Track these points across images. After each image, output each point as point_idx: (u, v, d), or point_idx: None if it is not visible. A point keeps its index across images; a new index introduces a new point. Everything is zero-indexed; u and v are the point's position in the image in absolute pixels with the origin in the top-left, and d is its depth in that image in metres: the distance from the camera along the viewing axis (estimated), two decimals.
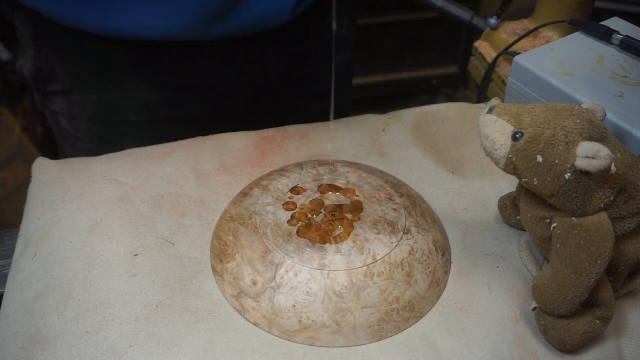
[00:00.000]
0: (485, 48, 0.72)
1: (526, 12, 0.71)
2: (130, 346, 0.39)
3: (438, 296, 0.43)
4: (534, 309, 0.41)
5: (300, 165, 0.50)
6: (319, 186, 0.47)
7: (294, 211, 0.45)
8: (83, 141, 0.72)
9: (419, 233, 0.44)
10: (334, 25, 0.68)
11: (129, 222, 0.47)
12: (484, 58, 0.70)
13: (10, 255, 0.47)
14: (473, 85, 1.65)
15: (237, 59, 0.69)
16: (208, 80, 0.70)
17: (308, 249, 0.42)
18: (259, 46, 0.69)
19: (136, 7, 0.59)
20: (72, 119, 0.71)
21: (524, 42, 0.66)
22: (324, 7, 0.74)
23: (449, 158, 0.54)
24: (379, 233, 0.43)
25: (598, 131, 0.37)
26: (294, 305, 0.40)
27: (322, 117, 0.82)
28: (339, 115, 0.85)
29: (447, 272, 0.44)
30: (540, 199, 0.39)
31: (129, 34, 0.61)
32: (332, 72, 0.78)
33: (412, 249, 0.43)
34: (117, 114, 0.70)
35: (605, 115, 0.39)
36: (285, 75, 0.76)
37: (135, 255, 0.44)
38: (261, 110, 0.78)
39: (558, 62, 0.54)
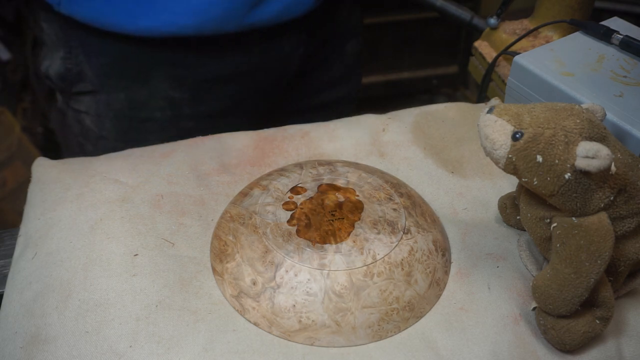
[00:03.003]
0: (485, 48, 0.71)
1: (526, 12, 0.71)
2: (130, 346, 0.39)
3: (438, 296, 0.43)
4: (534, 309, 0.41)
5: (300, 165, 0.50)
6: (319, 186, 0.47)
7: (294, 211, 0.45)
8: (107, 140, 0.74)
9: (419, 233, 0.44)
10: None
11: (129, 222, 0.47)
12: (484, 58, 0.70)
13: (10, 255, 0.47)
14: (473, 85, 1.65)
15: (257, 51, 0.71)
16: (230, 73, 0.72)
17: (308, 249, 0.42)
18: (279, 37, 0.71)
19: (167, 7, 0.61)
20: (98, 118, 0.73)
21: (524, 42, 0.66)
22: None
23: (449, 158, 0.54)
24: (379, 233, 0.43)
25: (598, 131, 0.37)
26: (294, 305, 0.40)
27: (337, 103, 0.85)
28: (350, 101, 0.87)
29: (447, 272, 0.44)
30: (540, 199, 0.39)
31: (162, 32, 0.63)
32: (342, 60, 0.80)
33: (412, 249, 0.43)
34: (142, 111, 0.72)
35: (605, 115, 0.39)
36: (303, 64, 0.78)
37: (135, 255, 0.44)
38: (280, 101, 0.81)
39: (558, 62, 0.54)
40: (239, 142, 0.55)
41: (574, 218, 0.37)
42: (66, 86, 0.72)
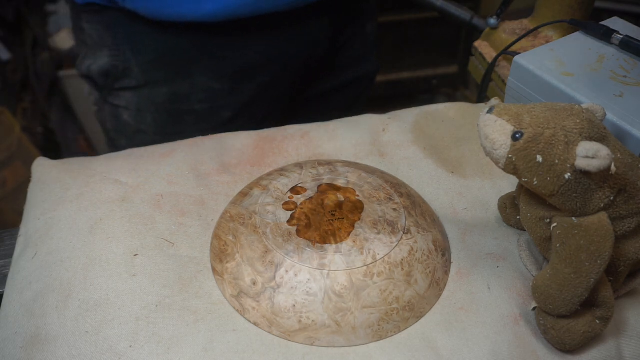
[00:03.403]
0: (485, 48, 0.72)
1: (526, 12, 0.71)
2: (130, 346, 0.39)
3: (438, 296, 0.43)
4: (534, 309, 0.41)
5: (300, 165, 0.50)
6: (319, 186, 0.47)
7: (293, 211, 0.45)
8: (146, 134, 0.76)
9: (419, 233, 0.44)
10: None
11: (129, 222, 0.47)
12: (484, 58, 0.70)
13: (10, 255, 0.47)
14: (473, 85, 1.65)
15: (288, 36, 0.74)
16: (265, 60, 0.75)
17: (308, 249, 0.42)
18: (307, 21, 0.74)
19: None
20: (138, 112, 0.75)
21: (524, 42, 0.66)
22: None
23: (449, 158, 0.54)
24: (379, 233, 0.43)
25: (598, 131, 0.37)
26: (294, 305, 0.40)
27: (358, 82, 0.90)
28: (370, 80, 0.94)
29: (447, 272, 0.44)
30: (540, 199, 0.39)
31: (224, 15, 0.66)
32: (362, 40, 0.84)
33: (412, 249, 0.43)
34: (183, 104, 0.75)
35: (605, 115, 0.39)
36: (329, 46, 0.81)
37: (135, 255, 0.44)
38: (307, 83, 0.84)
39: (558, 62, 0.54)
40: (239, 142, 0.56)
41: (574, 218, 0.37)
42: (109, 83, 0.74)
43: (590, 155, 0.34)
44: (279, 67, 0.77)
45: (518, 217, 0.46)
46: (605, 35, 0.55)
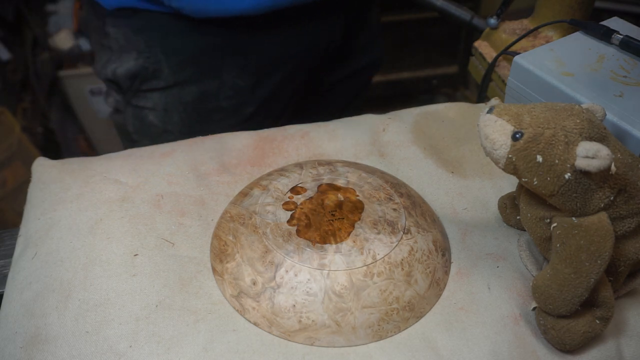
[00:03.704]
0: (485, 48, 0.72)
1: (526, 12, 0.71)
2: (130, 346, 0.39)
3: (438, 296, 0.43)
4: (534, 309, 0.41)
5: (300, 165, 0.50)
6: (319, 186, 0.47)
7: (293, 211, 0.45)
8: (172, 133, 0.77)
9: (419, 233, 0.44)
10: None
11: (129, 222, 0.47)
12: (484, 58, 0.70)
13: (10, 255, 0.47)
14: (473, 85, 1.65)
15: (306, 30, 0.76)
16: (285, 54, 0.76)
17: (308, 249, 0.42)
18: (324, 15, 0.76)
19: None
20: (165, 113, 0.76)
21: (524, 42, 0.66)
22: None
23: (449, 158, 0.54)
24: (379, 233, 0.43)
25: (598, 131, 0.37)
26: (294, 305, 0.40)
27: (363, 71, 0.92)
28: (374, 68, 0.96)
29: (447, 272, 0.44)
30: (540, 199, 0.39)
31: (265, 8, 0.68)
32: (367, 29, 0.87)
33: (412, 249, 0.43)
34: (211, 102, 0.76)
35: (605, 115, 0.39)
36: (342, 37, 0.82)
37: (135, 255, 0.44)
38: (321, 75, 0.86)
39: (558, 62, 0.54)
40: (239, 142, 0.56)
41: (574, 218, 0.37)
42: (135, 85, 0.75)
43: (590, 155, 0.34)
44: (297, 60, 0.78)
45: (518, 217, 0.46)
46: (605, 35, 0.55)
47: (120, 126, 0.81)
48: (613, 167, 0.35)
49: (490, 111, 0.38)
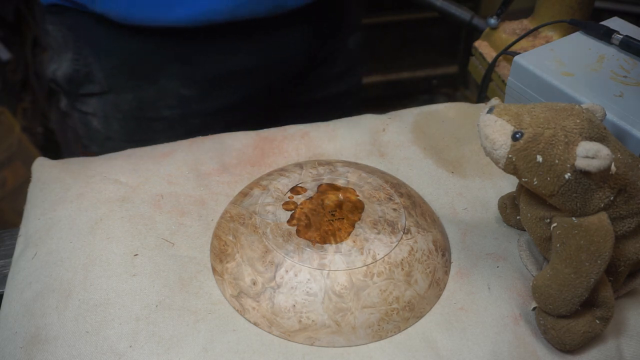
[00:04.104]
0: (485, 48, 0.72)
1: (526, 12, 0.71)
2: (130, 346, 0.39)
3: (438, 296, 0.43)
4: (534, 309, 0.41)
5: (300, 165, 0.50)
6: (319, 186, 0.47)
7: (293, 211, 0.45)
8: (114, 140, 0.74)
9: (419, 233, 0.44)
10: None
11: (129, 222, 0.47)
12: (484, 58, 0.70)
13: (10, 255, 0.47)
14: (473, 85, 1.65)
15: (264, 46, 0.72)
16: (239, 69, 0.73)
17: (308, 249, 0.42)
18: (285, 31, 0.72)
19: None
20: (105, 119, 0.73)
21: (524, 42, 0.66)
22: None
23: (449, 158, 0.54)
24: (379, 233, 0.43)
25: (598, 131, 0.37)
26: (294, 305, 0.40)
27: (341, 97, 0.87)
28: (352, 94, 0.90)
29: (447, 272, 0.44)
30: (540, 199, 0.39)
31: (197, 21, 0.64)
32: (346, 54, 0.80)
33: (412, 249, 0.43)
34: (151, 111, 0.72)
35: (605, 115, 0.39)
36: (309, 59, 0.79)
37: (135, 255, 0.44)
38: (286, 97, 0.82)
39: (558, 62, 0.54)
40: (239, 142, 0.55)
41: (574, 218, 0.37)
42: (73, 88, 0.72)
43: (590, 155, 0.34)
44: (254, 77, 0.74)
45: (518, 217, 0.46)
46: (605, 35, 0.55)
47: (72, 131, 0.78)
48: (613, 167, 0.35)
49: (490, 111, 0.38)
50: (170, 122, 0.73)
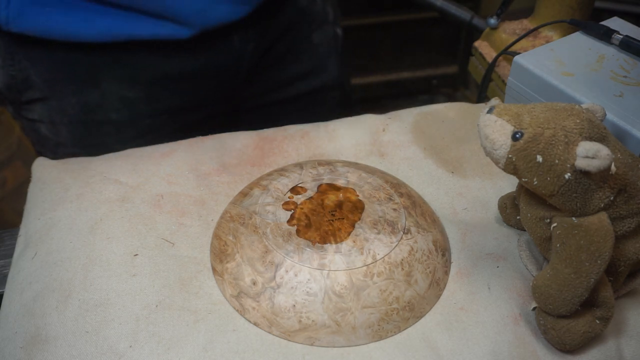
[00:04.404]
0: (485, 48, 0.72)
1: (526, 12, 0.71)
2: (130, 346, 0.39)
3: (438, 296, 0.43)
4: (534, 309, 0.41)
5: (300, 165, 0.50)
6: (319, 186, 0.47)
7: (293, 211, 0.45)
8: (65, 146, 0.72)
9: (419, 233, 0.44)
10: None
11: (129, 222, 0.47)
12: (484, 58, 0.70)
13: (10, 255, 0.47)
14: (473, 85, 1.65)
15: (203, 49, 0.70)
16: (179, 72, 0.70)
17: (308, 249, 0.42)
18: (224, 35, 0.70)
19: (140, 20, 0.61)
20: (52, 125, 0.71)
21: (524, 42, 0.66)
22: None
23: (449, 158, 0.54)
24: (379, 233, 0.43)
25: (598, 131, 0.37)
26: (294, 305, 0.40)
27: (314, 95, 0.83)
28: (327, 91, 0.86)
29: (447, 272, 0.44)
30: (540, 199, 0.39)
31: (119, 36, 0.62)
32: (310, 51, 0.78)
33: (412, 249, 0.43)
34: (97, 114, 0.70)
35: (605, 115, 0.39)
36: (259, 58, 0.76)
37: (135, 255, 0.44)
38: (244, 96, 0.80)
39: (558, 62, 0.54)
40: (239, 142, 0.56)
41: (574, 218, 0.37)
42: (15, 95, 0.69)
43: (590, 155, 0.34)
44: (198, 79, 0.72)
45: (518, 217, 0.46)
46: (605, 35, 0.55)
47: (28, 138, 0.75)
48: (613, 167, 0.35)
49: (490, 111, 0.38)
50: (119, 125, 0.71)
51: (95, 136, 0.71)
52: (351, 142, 0.56)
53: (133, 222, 0.47)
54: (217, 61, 0.72)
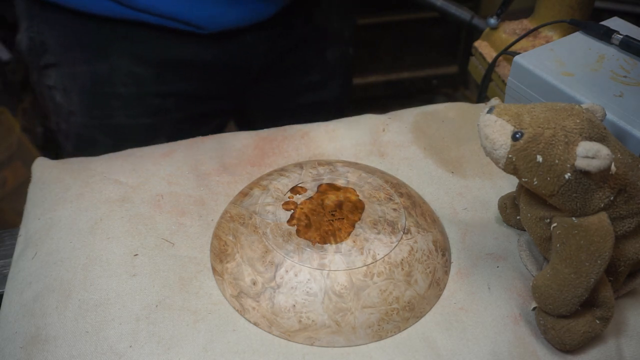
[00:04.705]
0: (485, 48, 0.72)
1: (526, 12, 0.71)
2: (130, 346, 0.39)
3: (438, 296, 0.43)
4: (534, 309, 0.41)
5: (300, 165, 0.50)
6: (319, 186, 0.47)
7: (293, 211, 0.45)
8: (76, 115, 0.75)
9: (419, 233, 0.44)
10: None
11: (129, 222, 0.47)
12: (484, 58, 0.70)
13: (10, 255, 0.47)
14: (473, 85, 1.65)
15: (216, 43, 0.72)
16: (191, 59, 0.72)
17: (308, 249, 0.42)
18: (240, 32, 0.72)
19: None
20: (65, 93, 0.74)
21: (524, 42, 0.66)
22: (311, 2, 0.76)
23: (449, 158, 0.54)
24: (379, 233, 0.43)
25: (598, 131, 0.37)
26: (294, 305, 0.40)
27: (318, 107, 0.85)
28: (330, 106, 0.88)
29: (447, 272, 0.44)
30: (540, 199, 0.39)
31: (127, 15, 0.64)
32: (322, 65, 0.80)
33: (412, 249, 0.43)
34: (105, 86, 0.72)
35: (605, 115, 0.39)
36: (271, 63, 0.78)
37: (135, 255, 0.44)
38: (252, 98, 0.82)
39: (558, 62, 0.54)
40: (239, 142, 0.56)
41: (574, 218, 0.37)
42: (34, 58, 0.73)
43: (590, 155, 0.34)
44: (208, 69, 0.74)
45: (518, 217, 0.46)
46: (605, 35, 0.55)
47: (45, 109, 0.79)
48: (613, 167, 0.35)
49: (490, 111, 0.38)
50: (127, 99, 0.73)
51: (104, 108, 0.74)
52: (351, 142, 0.56)
53: (133, 222, 0.47)
54: (229, 55, 0.74)
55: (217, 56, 0.73)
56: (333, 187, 0.47)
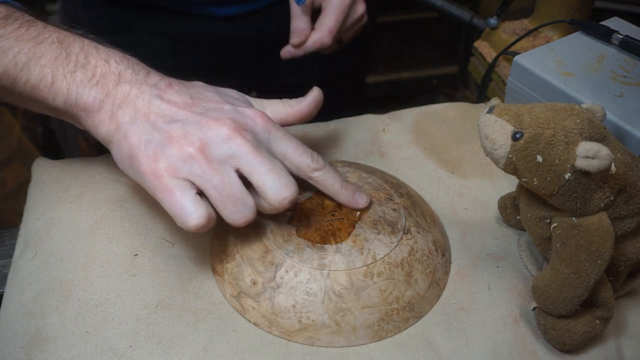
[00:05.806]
0: (485, 48, 0.72)
1: (526, 12, 0.71)
2: (130, 346, 0.39)
3: (438, 296, 0.43)
4: (534, 309, 0.41)
5: None
6: None
7: (293, 211, 0.45)
8: None
9: (419, 233, 0.44)
10: None
11: (129, 222, 0.46)
12: (484, 58, 0.70)
13: (10, 255, 0.47)
14: (473, 85, 1.65)
15: (231, 17, 0.75)
16: (207, 31, 0.76)
17: (308, 249, 0.42)
18: (251, 10, 0.75)
19: None
20: None
21: (524, 42, 0.66)
22: None
23: (449, 158, 0.54)
24: (379, 233, 0.43)
25: (598, 131, 0.37)
26: (294, 305, 0.40)
27: (337, 78, 0.85)
28: (350, 78, 0.90)
29: (447, 272, 0.44)
30: (540, 199, 0.39)
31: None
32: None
33: (412, 249, 0.43)
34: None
35: (605, 115, 0.39)
36: (281, 37, 0.79)
37: (135, 255, 0.44)
38: (268, 72, 0.84)
39: (558, 62, 0.54)
40: None
41: (574, 218, 0.37)
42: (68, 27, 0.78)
43: (590, 155, 0.34)
44: (225, 44, 0.77)
45: (518, 217, 0.46)
46: (605, 35, 0.55)
47: (63, 129, 0.84)
48: (613, 167, 0.35)
49: (490, 111, 0.38)
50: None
51: None
52: (351, 142, 0.56)
53: (133, 222, 0.47)
54: (241, 30, 0.77)
55: (229, 28, 0.76)
56: None
